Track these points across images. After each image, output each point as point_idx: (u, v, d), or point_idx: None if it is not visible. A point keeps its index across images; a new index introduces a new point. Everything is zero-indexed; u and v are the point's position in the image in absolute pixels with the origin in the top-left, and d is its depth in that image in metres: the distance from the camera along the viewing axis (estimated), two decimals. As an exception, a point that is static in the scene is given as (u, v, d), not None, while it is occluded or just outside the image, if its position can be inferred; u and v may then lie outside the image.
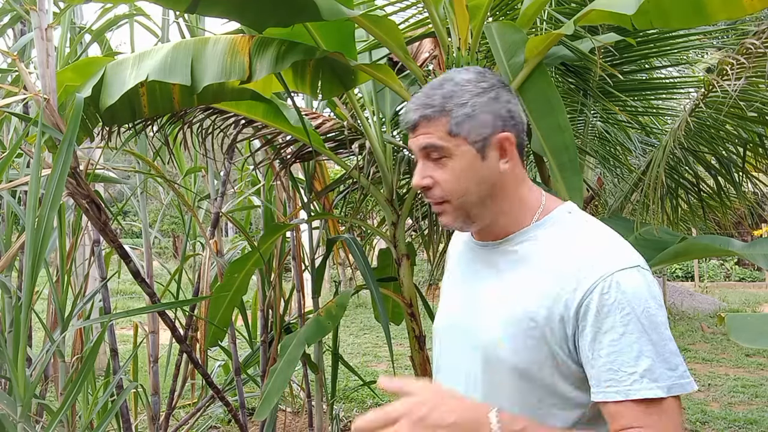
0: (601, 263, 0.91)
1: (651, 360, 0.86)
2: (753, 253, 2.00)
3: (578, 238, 0.97)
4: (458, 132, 0.96)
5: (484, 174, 0.98)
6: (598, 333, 0.88)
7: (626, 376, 0.86)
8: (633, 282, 0.89)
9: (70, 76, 2.09)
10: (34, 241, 1.63)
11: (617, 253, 0.94)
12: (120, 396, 2.38)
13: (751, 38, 2.11)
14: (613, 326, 0.87)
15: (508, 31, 1.94)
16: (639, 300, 0.88)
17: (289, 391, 4.35)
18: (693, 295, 10.11)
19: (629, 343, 0.86)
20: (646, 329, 0.87)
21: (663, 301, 0.91)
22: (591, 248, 0.95)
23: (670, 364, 0.86)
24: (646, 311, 0.87)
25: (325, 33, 2.08)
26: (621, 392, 0.86)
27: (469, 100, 0.96)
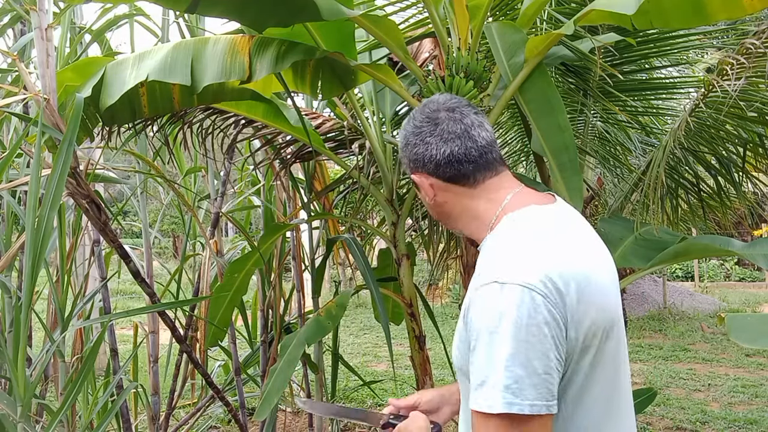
0: (475, 278, 0.99)
1: (483, 376, 0.90)
2: (753, 253, 2.01)
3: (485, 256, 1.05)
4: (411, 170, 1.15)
5: (428, 202, 1.15)
6: (471, 347, 0.95)
7: (471, 388, 0.93)
8: (483, 299, 0.94)
9: (70, 76, 2.09)
10: (34, 241, 1.63)
11: (489, 268, 0.98)
12: (120, 396, 2.38)
13: (751, 38, 2.12)
14: (471, 341, 0.94)
15: (508, 31, 1.94)
16: (485, 316, 0.92)
17: (289, 391, 4.34)
18: (693, 295, 10.11)
19: (475, 357, 0.92)
20: (486, 344, 0.91)
21: (516, 316, 0.89)
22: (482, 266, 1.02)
23: (478, 377, 0.91)
24: (488, 328, 0.91)
25: (325, 33, 2.08)
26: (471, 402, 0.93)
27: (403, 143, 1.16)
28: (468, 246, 2.21)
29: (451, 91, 1.90)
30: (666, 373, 6.04)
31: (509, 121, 3.56)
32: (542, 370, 0.88)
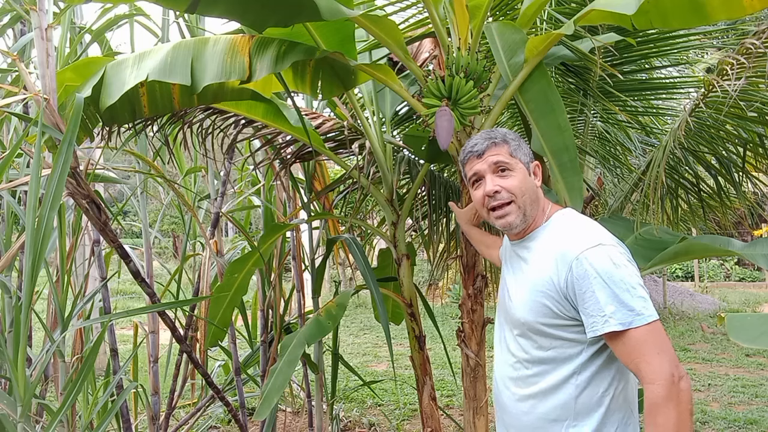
0: (574, 248, 1.36)
1: (614, 306, 1.28)
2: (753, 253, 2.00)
3: (562, 233, 1.44)
4: (516, 155, 1.49)
5: (531, 185, 1.50)
6: (581, 294, 1.32)
7: (600, 318, 1.29)
8: (595, 256, 1.32)
9: (70, 76, 2.09)
10: (34, 241, 1.63)
11: (584, 238, 1.37)
12: (120, 396, 2.38)
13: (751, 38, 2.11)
14: (587, 288, 1.31)
15: (508, 31, 1.94)
16: (600, 267, 1.30)
17: (289, 391, 4.35)
18: (693, 295, 10.11)
19: (599, 297, 1.29)
20: (609, 286, 1.29)
21: (626, 261, 1.32)
22: (568, 239, 1.40)
23: (628, 306, 1.27)
24: (607, 273, 1.30)
25: (325, 33, 2.08)
26: (600, 329, 1.29)
27: (516, 138, 1.52)
28: (468, 246, 2.21)
29: (451, 91, 1.90)
30: (666, 373, 6.03)
31: (509, 121, 3.56)
32: (646, 291, 1.32)
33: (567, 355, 1.39)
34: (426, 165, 2.58)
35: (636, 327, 1.26)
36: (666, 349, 1.26)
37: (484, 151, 1.49)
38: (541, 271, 1.42)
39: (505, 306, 1.56)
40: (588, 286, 1.30)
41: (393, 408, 5.03)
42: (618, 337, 1.28)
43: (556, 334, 1.40)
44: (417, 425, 4.55)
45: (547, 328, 1.40)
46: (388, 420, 4.65)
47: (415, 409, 4.81)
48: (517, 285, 1.51)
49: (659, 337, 1.27)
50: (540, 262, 1.44)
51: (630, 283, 1.29)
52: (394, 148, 2.67)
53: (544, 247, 1.45)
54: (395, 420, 4.69)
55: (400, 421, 4.69)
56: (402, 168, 2.63)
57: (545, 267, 1.41)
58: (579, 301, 1.33)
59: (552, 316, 1.39)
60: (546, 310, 1.39)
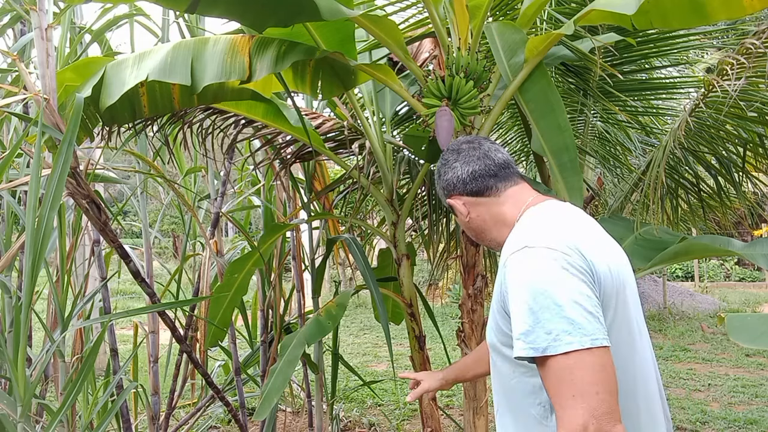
0: (503, 253, 1.17)
1: (528, 325, 1.03)
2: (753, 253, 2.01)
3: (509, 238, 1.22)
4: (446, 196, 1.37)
5: (464, 223, 1.36)
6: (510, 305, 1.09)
7: (514, 339, 1.06)
8: (517, 263, 1.10)
9: (70, 76, 2.09)
10: (34, 241, 1.63)
11: (513, 240, 1.16)
12: (120, 396, 2.38)
13: (751, 38, 2.11)
14: (510, 301, 1.09)
15: (508, 31, 1.94)
16: (520, 275, 1.08)
17: (289, 391, 4.35)
18: (693, 295, 10.11)
19: (516, 313, 1.06)
20: (526, 299, 1.04)
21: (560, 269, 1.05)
22: (507, 243, 1.19)
23: (545, 328, 1.01)
24: (527, 284, 1.06)
25: (325, 33, 2.08)
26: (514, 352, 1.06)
27: (439, 174, 1.37)
28: (468, 246, 2.21)
29: (451, 91, 1.90)
30: (666, 373, 6.04)
31: (509, 121, 3.56)
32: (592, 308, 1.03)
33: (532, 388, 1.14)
34: (426, 165, 2.58)
35: (552, 356, 1.00)
36: (587, 393, 0.97)
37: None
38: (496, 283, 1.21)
39: None
40: (510, 299, 1.09)
41: (393, 408, 5.03)
42: (538, 365, 1.04)
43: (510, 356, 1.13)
44: (417, 425, 4.55)
45: (505, 349, 1.17)
46: (388, 420, 4.65)
47: (415, 409, 4.81)
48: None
49: (581, 375, 0.98)
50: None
51: (555, 298, 1.01)
52: (394, 148, 2.67)
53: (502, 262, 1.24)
54: (395, 420, 4.69)
55: (400, 421, 4.69)
56: (402, 168, 2.63)
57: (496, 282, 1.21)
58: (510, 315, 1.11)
59: (504, 335, 1.16)
60: (498, 328, 1.18)
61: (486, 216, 1.31)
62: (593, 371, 0.98)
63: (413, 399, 1.66)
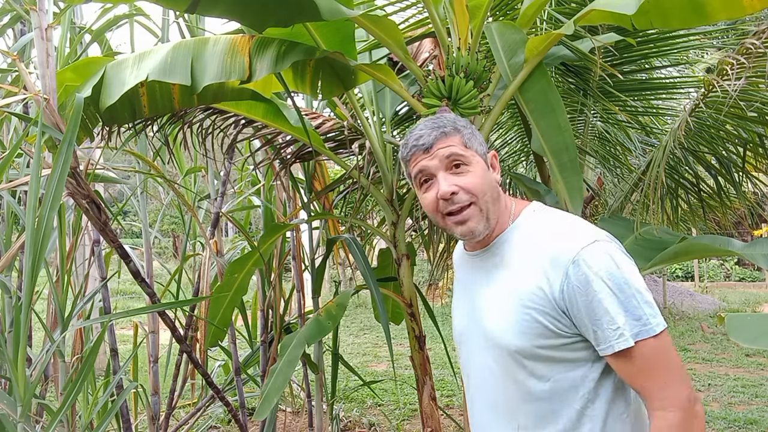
0: (567, 249, 1.10)
1: (622, 317, 1.05)
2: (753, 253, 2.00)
3: (543, 233, 1.17)
4: (471, 145, 1.20)
5: (491, 180, 1.21)
6: (587, 304, 1.07)
7: (612, 333, 1.05)
8: (594, 256, 1.08)
9: (70, 76, 2.09)
10: (34, 241, 1.63)
11: (576, 236, 1.12)
12: (120, 396, 2.38)
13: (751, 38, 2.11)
14: (593, 297, 1.06)
15: (508, 31, 1.94)
16: (602, 269, 1.07)
17: (289, 391, 4.35)
18: (693, 295, 10.11)
19: (607, 307, 1.05)
20: (613, 291, 1.05)
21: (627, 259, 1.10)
22: (556, 238, 1.13)
23: (634, 315, 1.05)
24: (611, 276, 1.06)
25: (325, 33, 2.08)
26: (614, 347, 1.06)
27: (468, 125, 1.23)
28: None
29: (451, 91, 1.90)
30: (666, 373, 6.03)
31: (509, 121, 3.56)
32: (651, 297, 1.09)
33: (572, 381, 1.12)
34: (426, 165, 2.57)
35: (644, 339, 1.04)
36: (678, 366, 1.07)
37: (432, 143, 1.18)
38: (526, 282, 1.13)
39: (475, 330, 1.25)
40: (594, 294, 1.06)
41: (393, 408, 5.03)
42: (624, 353, 1.06)
43: (557, 357, 1.12)
44: (417, 425, 4.55)
45: (546, 351, 1.12)
46: (388, 420, 4.65)
47: (415, 409, 4.81)
48: (494, 300, 1.20)
49: (670, 353, 1.07)
50: (522, 269, 1.15)
51: (635, 286, 1.06)
52: (394, 148, 2.67)
53: (523, 252, 1.17)
54: (395, 420, 4.69)
55: (400, 421, 4.69)
56: (402, 168, 2.62)
57: (531, 276, 1.12)
58: (585, 312, 1.07)
59: (550, 336, 1.11)
60: (542, 329, 1.11)
61: (500, 191, 1.24)
62: (673, 348, 1.09)
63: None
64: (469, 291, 1.30)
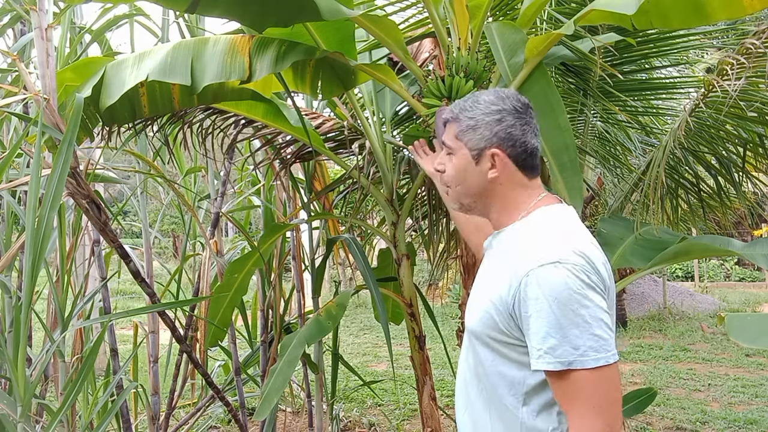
0: (529, 260, 1.12)
1: (555, 340, 1.06)
2: (753, 253, 2.01)
3: (526, 240, 1.20)
4: (462, 137, 1.25)
5: (475, 176, 1.25)
6: (526, 317, 1.10)
7: (536, 351, 1.09)
8: (548, 276, 1.09)
9: (70, 76, 2.09)
10: (34, 241, 1.63)
11: (543, 250, 1.13)
12: (120, 396, 2.38)
13: (751, 38, 2.11)
14: (531, 313, 1.09)
15: (508, 31, 1.94)
16: (550, 291, 1.07)
17: (289, 391, 4.35)
18: (693, 295, 10.11)
19: (541, 326, 1.08)
20: (556, 315, 1.06)
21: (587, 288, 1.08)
22: (527, 249, 1.16)
23: (573, 344, 1.06)
24: (557, 300, 1.07)
25: (325, 33, 2.08)
26: (535, 364, 1.10)
27: (476, 116, 1.23)
28: (467, 246, 2.20)
29: (451, 91, 1.90)
30: (666, 373, 6.04)
31: (509, 121, 3.55)
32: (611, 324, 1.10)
33: (511, 378, 1.18)
34: (426, 165, 2.58)
35: (576, 370, 1.05)
36: (606, 405, 1.06)
37: (445, 121, 1.31)
38: (497, 280, 1.20)
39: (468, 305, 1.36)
40: (532, 310, 1.09)
41: (393, 408, 5.03)
42: (555, 375, 1.08)
43: (501, 351, 1.19)
44: (417, 425, 4.55)
45: (493, 342, 1.19)
46: (388, 420, 4.65)
47: (415, 409, 4.81)
48: (478, 285, 1.32)
49: (602, 389, 1.06)
50: (499, 267, 1.23)
51: (584, 316, 1.06)
52: (394, 148, 2.67)
53: (507, 251, 1.23)
54: (395, 420, 4.69)
55: (400, 421, 4.69)
56: (402, 168, 2.63)
57: (500, 275, 1.19)
58: (523, 323, 1.12)
59: (498, 331, 1.17)
60: (493, 323, 1.18)
61: (505, 188, 1.25)
62: (610, 385, 1.07)
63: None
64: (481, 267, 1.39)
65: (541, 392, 1.15)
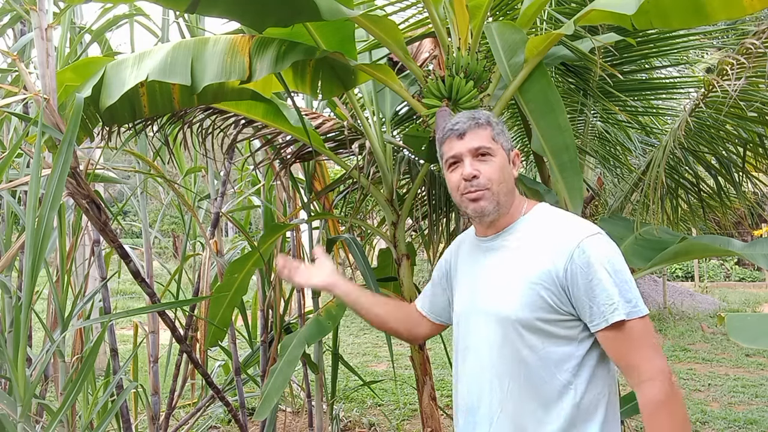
0: (573, 235, 1.30)
1: (618, 296, 1.24)
2: (753, 253, 2.00)
3: (552, 224, 1.37)
4: (498, 140, 1.39)
5: (509, 173, 1.40)
6: (587, 283, 1.25)
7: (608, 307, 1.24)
8: (596, 244, 1.28)
9: (70, 76, 2.09)
10: (34, 241, 1.63)
11: (581, 227, 1.33)
12: (120, 396, 2.38)
13: (751, 38, 2.11)
14: (593, 276, 1.25)
15: (508, 31, 1.94)
16: (604, 255, 1.26)
17: (289, 391, 4.35)
18: (693, 295, 10.11)
19: (605, 286, 1.24)
20: (611, 275, 1.25)
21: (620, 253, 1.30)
22: (563, 228, 1.34)
23: (626, 297, 1.24)
24: (610, 262, 1.26)
25: (325, 33, 2.08)
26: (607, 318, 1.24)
27: (499, 123, 1.43)
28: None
29: (451, 91, 1.90)
30: (666, 373, 6.03)
31: (509, 121, 3.56)
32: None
33: (560, 355, 1.29)
34: (426, 165, 2.58)
35: (633, 319, 1.23)
36: (658, 345, 1.26)
37: (465, 131, 1.37)
38: (533, 262, 1.31)
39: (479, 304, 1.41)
40: (594, 274, 1.24)
41: (393, 408, 5.03)
42: (616, 330, 1.23)
43: (551, 331, 1.29)
44: (417, 425, 4.55)
45: (543, 324, 1.29)
46: (388, 420, 4.65)
47: (415, 409, 4.81)
48: (500, 278, 1.37)
49: (652, 333, 1.26)
50: (530, 252, 1.33)
51: (627, 275, 1.26)
52: (394, 148, 2.67)
53: (531, 238, 1.36)
54: (395, 420, 4.69)
55: (400, 421, 4.69)
56: (402, 168, 2.63)
57: (538, 257, 1.31)
58: (584, 290, 1.25)
59: (549, 310, 1.28)
60: (543, 303, 1.28)
61: (516, 190, 1.43)
62: (653, 330, 1.27)
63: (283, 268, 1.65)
64: (473, 274, 1.47)
65: (589, 362, 1.29)
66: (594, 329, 1.26)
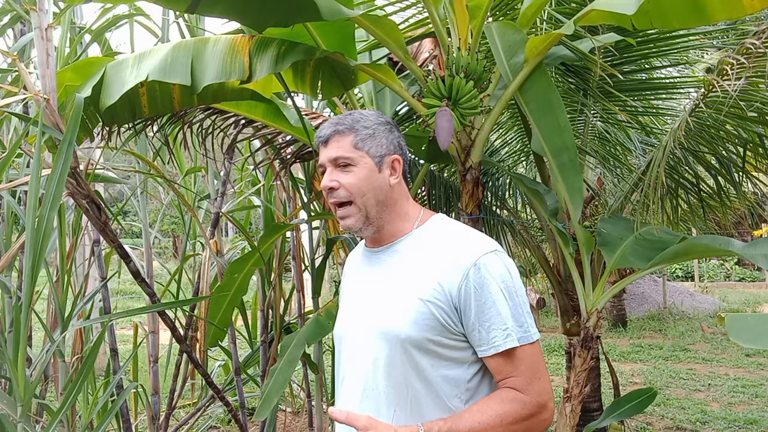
0: (468, 252, 1.20)
1: (512, 320, 1.17)
2: (753, 253, 2.00)
3: (448, 237, 1.26)
4: (362, 146, 1.25)
5: (379, 183, 1.26)
6: (480, 305, 1.17)
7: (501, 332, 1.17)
8: (493, 263, 1.20)
9: (70, 76, 2.09)
10: (34, 241, 1.63)
11: (478, 243, 1.23)
12: (120, 396, 2.38)
13: (751, 38, 2.11)
14: (487, 299, 1.17)
15: (508, 31, 1.94)
16: (500, 277, 1.19)
17: (289, 391, 4.35)
18: (693, 295, 10.11)
19: (499, 310, 1.17)
20: (507, 297, 1.18)
21: (517, 272, 1.23)
22: (460, 243, 1.23)
23: (519, 322, 1.18)
24: (505, 284, 1.19)
25: (325, 33, 2.08)
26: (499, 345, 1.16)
27: (371, 125, 1.27)
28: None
29: (451, 91, 1.90)
30: (666, 373, 6.04)
31: (509, 121, 3.56)
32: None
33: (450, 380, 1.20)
34: (426, 165, 2.58)
35: (524, 345, 1.17)
36: (543, 370, 1.20)
37: (328, 139, 1.26)
38: (425, 278, 1.20)
39: (365, 321, 1.28)
40: (488, 296, 1.16)
41: (393, 408, 5.02)
42: (505, 356, 1.17)
43: (441, 353, 1.19)
44: (417, 425, 4.54)
45: (433, 346, 1.19)
46: (388, 420, 4.64)
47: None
48: (389, 292, 1.25)
49: (540, 359, 1.21)
50: (422, 267, 1.22)
51: (522, 296, 1.21)
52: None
53: (424, 252, 1.24)
54: (395, 420, 4.68)
55: (400, 421, 4.68)
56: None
57: (431, 273, 1.20)
58: (476, 312, 1.16)
59: (440, 330, 1.18)
60: (435, 322, 1.18)
61: (401, 199, 1.30)
62: (542, 355, 1.23)
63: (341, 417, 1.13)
64: (358, 288, 1.36)
65: (480, 385, 1.23)
66: (482, 354, 1.18)
